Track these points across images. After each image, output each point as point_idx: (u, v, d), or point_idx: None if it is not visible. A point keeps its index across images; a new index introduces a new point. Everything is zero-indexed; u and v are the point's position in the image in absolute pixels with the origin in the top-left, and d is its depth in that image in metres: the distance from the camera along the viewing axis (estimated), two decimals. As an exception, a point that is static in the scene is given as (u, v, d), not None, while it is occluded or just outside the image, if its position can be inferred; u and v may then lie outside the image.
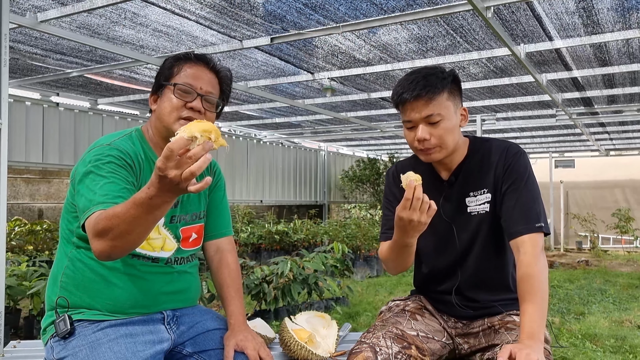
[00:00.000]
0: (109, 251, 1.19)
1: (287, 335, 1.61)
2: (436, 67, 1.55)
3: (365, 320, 4.44)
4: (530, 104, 6.52)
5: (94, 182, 1.29)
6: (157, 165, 1.05)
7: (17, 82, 5.44)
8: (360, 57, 4.45)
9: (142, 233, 1.18)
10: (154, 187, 1.09)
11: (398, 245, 1.50)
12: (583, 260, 8.56)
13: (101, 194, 1.25)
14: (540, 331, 1.33)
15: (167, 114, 1.42)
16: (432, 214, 1.38)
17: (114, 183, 1.29)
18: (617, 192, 11.29)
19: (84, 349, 1.30)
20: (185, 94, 1.43)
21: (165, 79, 1.46)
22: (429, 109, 1.48)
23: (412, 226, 1.38)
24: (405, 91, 1.50)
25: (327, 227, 8.18)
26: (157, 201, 1.10)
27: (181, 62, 1.47)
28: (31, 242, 5.38)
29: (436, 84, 1.48)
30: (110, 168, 1.32)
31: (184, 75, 1.44)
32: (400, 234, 1.44)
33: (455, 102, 1.54)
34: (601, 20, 3.51)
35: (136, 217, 1.13)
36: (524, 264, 1.43)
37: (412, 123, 1.52)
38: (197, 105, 1.43)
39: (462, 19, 3.52)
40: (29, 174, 6.99)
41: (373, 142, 10.99)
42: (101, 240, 1.18)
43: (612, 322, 4.53)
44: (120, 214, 1.14)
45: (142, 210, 1.11)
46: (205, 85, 1.46)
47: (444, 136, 1.50)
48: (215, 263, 1.64)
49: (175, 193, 1.10)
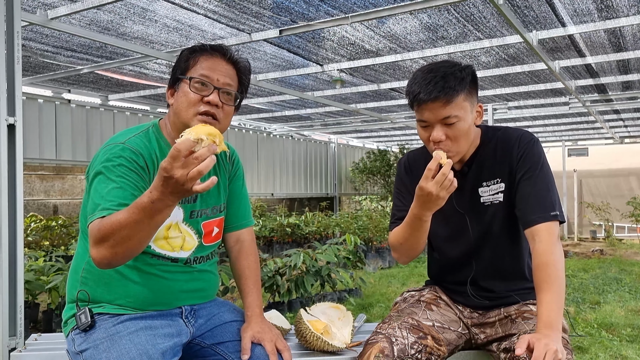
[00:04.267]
0: (109, 258, 1.19)
1: (303, 327, 1.62)
2: (454, 65, 1.48)
3: (379, 312, 4.44)
4: (543, 92, 6.43)
5: (102, 185, 1.28)
6: (163, 166, 1.07)
7: (30, 79, 5.49)
8: (369, 48, 4.42)
9: (143, 239, 1.18)
10: (157, 190, 1.10)
11: (413, 219, 1.48)
12: (597, 249, 8.47)
13: (107, 199, 1.24)
14: (558, 320, 1.32)
15: (185, 110, 1.38)
16: (452, 191, 1.39)
17: (122, 189, 1.27)
18: (632, 180, 11.13)
19: (105, 341, 1.31)
20: (202, 86, 1.38)
21: (182, 72, 1.42)
22: (446, 110, 1.44)
23: (430, 199, 1.38)
24: (422, 91, 1.44)
25: (339, 219, 8.19)
26: (159, 205, 1.11)
27: (197, 54, 1.42)
28: (47, 238, 5.47)
29: (455, 85, 1.43)
30: (120, 171, 1.30)
31: (200, 68, 1.40)
32: (418, 205, 1.43)
33: (472, 102, 1.50)
34: (616, 4, 3.45)
35: (138, 222, 1.13)
36: (540, 252, 1.42)
37: (427, 123, 1.48)
38: (214, 99, 1.38)
39: (472, 6, 3.48)
40: (43, 170, 7.08)
41: (383, 133, 10.94)
42: (101, 247, 1.18)
43: (628, 311, 4.49)
44: (122, 220, 1.14)
45: (144, 214, 1.12)
46: (222, 77, 1.40)
47: (459, 138, 1.47)
48: (234, 254, 1.63)
49: (179, 195, 1.11)
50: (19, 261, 2.09)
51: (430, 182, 1.36)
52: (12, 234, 2.09)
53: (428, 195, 1.38)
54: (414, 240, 1.54)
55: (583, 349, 3.40)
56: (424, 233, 1.53)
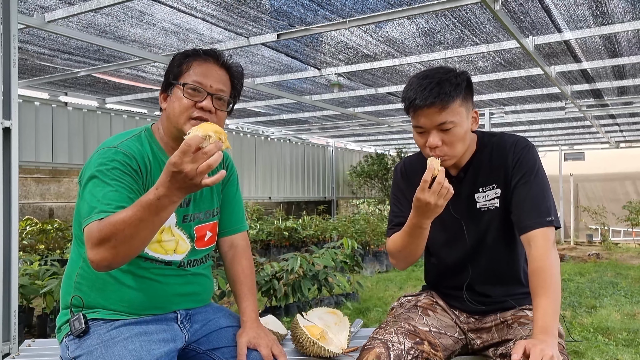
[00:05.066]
0: (109, 259, 1.18)
1: (299, 332, 1.61)
2: (449, 71, 1.50)
3: (376, 316, 4.44)
4: (539, 97, 6.46)
5: (97, 188, 1.27)
6: (172, 161, 1.09)
7: (26, 82, 5.48)
8: (367, 52, 4.43)
9: (145, 238, 1.19)
10: (164, 186, 1.12)
11: (412, 228, 1.49)
12: (594, 253, 8.49)
13: (104, 202, 1.24)
14: (554, 325, 1.32)
15: (178, 115, 1.38)
16: (449, 197, 1.40)
17: (118, 192, 1.27)
18: (628, 184, 11.18)
19: (99, 347, 1.31)
20: (195, 92, 1.38)
21: (174, 78, 1.41)
22: (442, 116, 1.44)
23: (429, 208, 1.40)
24: (417, 97, 1.45)
25: (336, 223, 8.18)
26: (165, 202, 1.13)
27: (190, 59, 1.42)
28: (42, 241, 5.43)
29: (450, 91, 1.44)
30: (115, 175, 1.30)
31: (193, 73, 1.39)
32: (417, 215, 1.45)
33: (467, 107, 1.51)
34: (611, 10, 3.47)
35: (142, 220, 1.14)
36: (536, 258, 1.42)
37: (424, 129, 1.49)
38: (208, 105, 1.38)
39: (469, 11, 3.49)
40: (39, 173, 7.05)
41: (381, 137, 10.95)
42: (102, 248, 1.17)
43: (624, 315, 4.50)
44: (126, 218, 1.14)
45: (149, 212, 1.13)
46: (215, 83, 1.41)
47: (455, 143, 1.48)
48: (229, 259, 1.63)
49: (186, 190, 1.13)
50: (13, 265, 2.08)
51: (427, 193, 1.37)
52: (6, 237, 2.09)
53: (427, 206, 1.39)
54: (413, 247, 1.56)
55: (579, 354, 3.40)
56: (423, 240, 1.54)
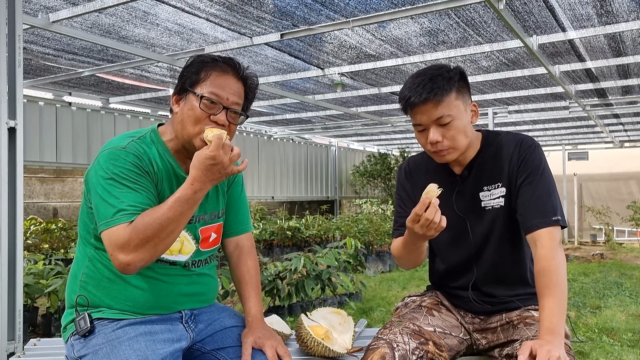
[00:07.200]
0: (147, 259, 1.24)
1: (304, 332, 1.61)
2: (441, 66, 1.51)
3: (379, 316, 4.43)
4: (543, 96, 6.44)
5: (116, 190, 1.27)
6: (210, 155, 1.23)
7: (30, 82, 5.50)
8: (370, 52, 4.43)
9: (179, 233, 1.29)
10: (199, 181, 1.25)
11: (409, 245, 1.54)
12: (598, 253, 8.45)
13: (129, 203, 1.25)
14: (560, 326, 1.32)
15: (191, 125, 1.37)
16: (441, 230, 1.40)
17: (140, 193, 1.29)
18: (632, 184, 11.13)
19: (104, 347, 1.31)
20: (212, 104, 1.38)
21: (191, 84, 1.39)
22: (439, 111, 1.46)
23: (419, 236, 1.43)
24: (412, 95, 1.47)
25: (339, 223, 8.17)
26: (199, 195, 1.26)
27: (208, 68, 1.40)
28: (47, 241, 5.45)
29: (443, 85, 1.45)
30: (133, 177, 1.31)
31: (211, 84, 1.38)
32: (411, 236, 1.48)
33: (464, 100, 1.51)
34: (615, 10, 3.45)
35: (183, 214, 1.25)
36: (542, 257, 1.41)
37: (423, 126, 1.50)
38: (222, 119, 1.38)
39: (473, 11, 3.48)
40: (43, 173, 7.08)
41: (384, 137, 10.94)
42: (143, 249, 1.21)
43: (629, 315, 4.48)
44: (171, 215, 1.23)
45: (188, 206, 1.25)
46: (231, 96, 1.40)
47: (456, 136, 1.48)
48: (234, 259, 1.63)
49: (217, 181, 1.28)
50: (18, 264, 2.09)
51: (417, 224, 1.39)
52: (11, 236, 2.09)
53: (416, 234, 1.42)
54: (413, 257, 1.61)
55: (584, 354, 3.39)
56: (423, 250, 1.60)
